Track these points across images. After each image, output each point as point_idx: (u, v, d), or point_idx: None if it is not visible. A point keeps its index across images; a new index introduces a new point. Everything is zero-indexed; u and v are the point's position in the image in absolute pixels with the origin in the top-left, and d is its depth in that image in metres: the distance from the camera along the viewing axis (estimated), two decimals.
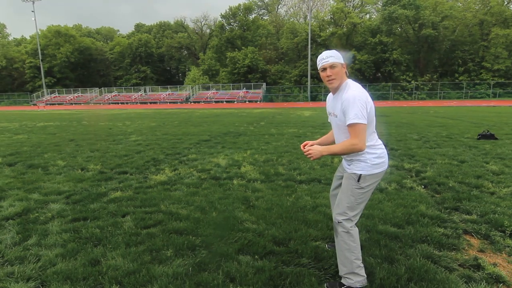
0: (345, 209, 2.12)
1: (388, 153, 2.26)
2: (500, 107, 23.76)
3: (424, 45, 43.89)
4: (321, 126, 11.50)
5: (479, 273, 2.32)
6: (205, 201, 3.76)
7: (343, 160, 2.32)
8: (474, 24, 43.73)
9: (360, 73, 45.64)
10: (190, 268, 2.36)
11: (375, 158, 2.11)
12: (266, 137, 9.01)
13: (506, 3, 44.17)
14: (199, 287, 2.14)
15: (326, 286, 2.18)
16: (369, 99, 2.04)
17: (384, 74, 46.89)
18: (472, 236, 2.89)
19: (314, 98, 44.84)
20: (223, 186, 4.37)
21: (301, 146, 2.28)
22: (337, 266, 2.35)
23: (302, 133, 9.65)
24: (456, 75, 43.65)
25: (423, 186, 4.32)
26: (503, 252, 2.60)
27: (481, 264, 2.40)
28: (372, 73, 47.07)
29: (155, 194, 4.02)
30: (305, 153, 2.12)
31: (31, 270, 2.36)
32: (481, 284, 2.18)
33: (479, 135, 8.14)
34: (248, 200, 3.79)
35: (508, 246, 2.67)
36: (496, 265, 2.41)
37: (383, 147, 2.21)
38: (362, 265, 2.16)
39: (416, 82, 43.41)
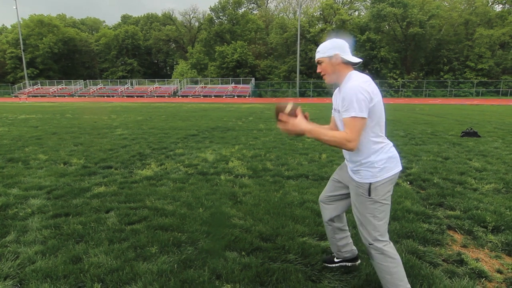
0: (371, 231, 1.85)
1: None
2: (482, 105, 24.41)
3: (411, 43, 44.54)
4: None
5: (462, 268, 2.36)
6: (192, 197, 3.71)
7: (347, 165, 2.01)
8: (460, 24, 44.61)
9: None
10: (176, 265, 2.31)
11: (386, 159, 1.80)
12: (254, 132, 8.98)
13: (490, 3, 45.20)
14: (185, 284, 2.10)
15: None
16: (376, 91, 1.77)
17: (372, 72, 47.42)
18: (456, 231, 2.94)
19: (303, 94, 45.00)
20: (210, 182, 4.32)
21: (282, 114, 1.83)
22: (323, 262, 2.35)
23: None
24: (441, 73, 44.53)
25: (408, 182, 4.38)
26: (485, 248, 2.66)
27: (464, 259, 2.45)
28: (360, 70, 47.23)
29: (141, 190, 3.94)
30: (281, 120, 1.79)
31: (9, 268, 2.27)
32: (464, 279, 2.21)
33: (462, 132, 8.31)
34: (235, 195, 3.76)
35: (490, 242, 2.73)
36: (478, 260, 2.46)
37: (392, 146, 1.90)
38: (409, 286, 1.89)
39: (402, 80, 44.09)
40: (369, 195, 1.81)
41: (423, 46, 44.20)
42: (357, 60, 1.89)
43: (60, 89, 49.94)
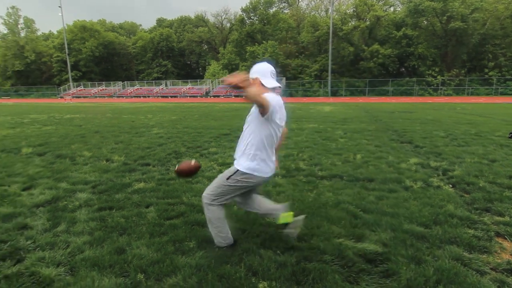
0: (209, 189, 2.48)
1: (270, 168, 2.49)
2: None
3: (452, 39, 42.10)
4: (342, 122, 11.30)
5: None
6: None
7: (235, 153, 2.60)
8: (506, 17, 41.46)
9: (383, 68, 44.42)
10: (213, 260, 2.37)
11: (255, 164, 2.36)
12: None
13: None
14: (222, 279, 2.15)
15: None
16: (281, 115, 2.41)
17: (408, 69, 45.44)
18: (505, 239, 2.75)
19: (334, 93, 44.12)
20: None
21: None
22: (360, 263, 2.31)
23: (323, 129, 9.51)
24: (486, 70, 41.63)
25: (451, 185, 4.16)
26: None
27: None
28: (396, 68, 45.66)
29: (177, 186, 4.08)
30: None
31: (61, 256, 2.45)
32: None
33: (510, 133, 7.74)
34: (269, 194, 3.78)
35: None
36: None
37: (266, 160, 2.42)
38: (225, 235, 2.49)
39: (442, 78, 41.79)
40: (228, 179, 2.40)
41: (465, 41, 41.59)
42: (272, 85, 2.34)
43: (100, 90, 52.80)
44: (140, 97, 47.35)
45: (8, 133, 9.26)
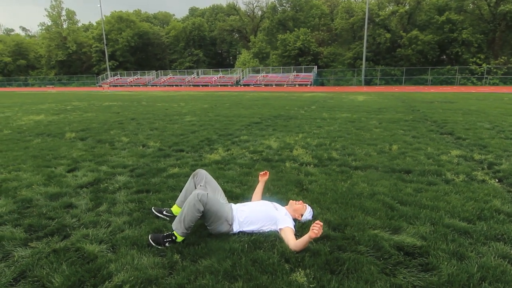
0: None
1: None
2: None
3: (501, 23, 38.82)
4: (377, 111, 10.89)
5: None
6: (257, 182, 3.78)
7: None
8: None
9: (422, 55, 41.99)
10: (246, 245, 2.40)
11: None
12: (318, 121, 8.79)
13: None
14: (255, 264, 2.17)
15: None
16: None
17: (450, 57, 42.63)
18: None
19: (368, 82, 42.57)
20: (275, 168, 4.37)
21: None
22: (397, 256, 2.23)
23: (357, 118, 9.23)
24: None
25: (497, 180, 3.89)
26: None
27: None
28: (436, 55, 42.95)
29: (210, 172, 4.12)
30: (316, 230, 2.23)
31: (103, 234, 2.59)
32: None
33: None
34: (301, 183, 3.75)
35: None
36: None
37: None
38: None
39: (488, 66, 38.80)
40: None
41: None
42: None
43: (135, 79, 54.73)
44: (172, 85, 48.55)
45: (53, 119, 9.89)
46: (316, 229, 2.17)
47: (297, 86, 41.14)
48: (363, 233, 2.56)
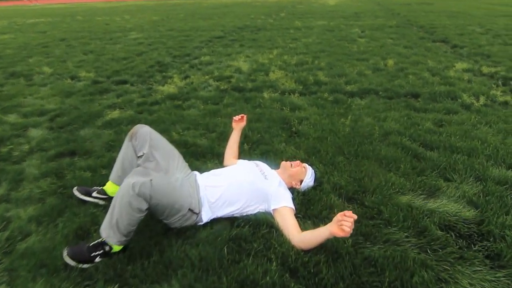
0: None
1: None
2: None
3: None
4: (355, 17, 9.58)
5: None
6: (230, 126, 2.80)
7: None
8: None
9: None
10: (225, 249, 1.54)
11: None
12: (291, 32, 7.45)
13: None
14: None
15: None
16: None
17: None
18: None
19: None
20: (251, 102, 3.35)
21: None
22: (452, 244, 1.50)
23: (335, 26, 7.96)
24: None
25: None
26: None
27: None
28: None
29: (164, 114, 3.06)
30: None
31: None
32: None
33: None
34: (288, 123, 2.82)
35: None
36: None
37: None
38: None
39: None
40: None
41: None
42: None
43: None
44: None
45: None
46: (348, 225, 1.31)
47: None
48: (392, 204, 1.78)
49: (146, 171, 1.58)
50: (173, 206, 1.52)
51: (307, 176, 1.92)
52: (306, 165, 1.98)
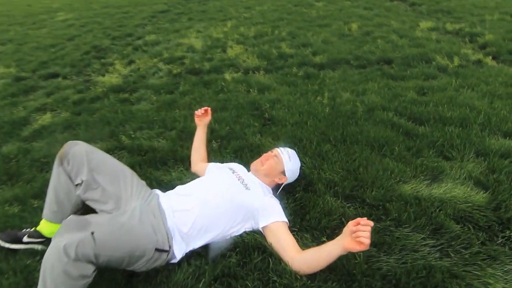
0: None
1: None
2: None
3: None
4: None
5: None
6: (191, 119, 2.35)
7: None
8: None
9: None
10: None
11: None
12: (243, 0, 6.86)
13: None
14: None
15: None
16: None
17: None
18: None
19: None
20: (211, 86, 2.90)
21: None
22: (473, 241, 1.29)
23: None
24: None
25: (491, 57, 3.09)
26: None
27: None
28: None
29: (108, 113, 2.53)
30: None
31: None
32: None
33: None
34: (259, 108, 2.44)
35: None
36: None
37: None
38: None
39: None
40: None
41: None
42: None
43: None
44: None
45: None
46: (366, 235, 1.01)
47: None
48: (397, 198, 1.52)
49: (81, 220, 1.12)
50: (133, 254, 1.12)
51: (286, 162, 1.55)
52: (276, 150, 1.60)
